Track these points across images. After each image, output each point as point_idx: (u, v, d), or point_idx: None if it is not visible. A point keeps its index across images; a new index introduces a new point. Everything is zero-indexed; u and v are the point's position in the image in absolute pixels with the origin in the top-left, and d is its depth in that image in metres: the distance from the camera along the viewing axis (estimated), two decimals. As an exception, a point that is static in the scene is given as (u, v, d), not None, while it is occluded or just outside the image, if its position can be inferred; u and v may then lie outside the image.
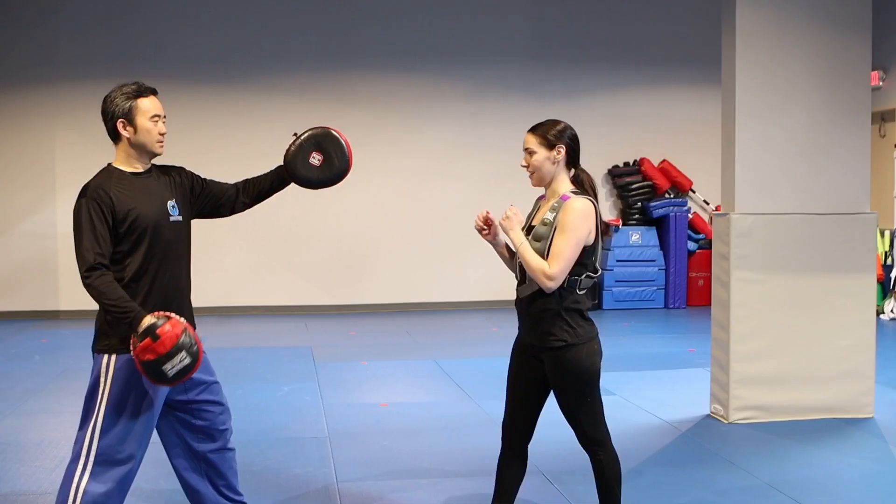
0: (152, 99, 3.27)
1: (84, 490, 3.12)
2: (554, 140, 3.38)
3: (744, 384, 5.63)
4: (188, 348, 3.05)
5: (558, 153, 3.38)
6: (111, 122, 3.23)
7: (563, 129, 3.41)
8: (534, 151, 3.39)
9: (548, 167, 3.39)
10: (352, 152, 3.55)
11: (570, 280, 3.33)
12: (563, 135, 3.40)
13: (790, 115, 5.68)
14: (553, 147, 3.37)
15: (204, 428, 3.41)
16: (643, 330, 9.49)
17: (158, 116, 3.26)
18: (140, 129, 3.22)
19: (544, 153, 3.38)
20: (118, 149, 3.28)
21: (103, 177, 3.22)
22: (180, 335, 3.03)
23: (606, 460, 3.51)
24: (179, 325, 3.06)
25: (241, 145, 10.70)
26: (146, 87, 3.27)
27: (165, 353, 3.00)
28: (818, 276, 5.68)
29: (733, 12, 5.60)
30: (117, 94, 3.23)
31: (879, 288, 10.15)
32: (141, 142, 3.24)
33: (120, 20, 10.55)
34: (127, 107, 3.21)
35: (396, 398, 6.57)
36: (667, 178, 11.40)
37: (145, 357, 3.00)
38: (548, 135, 3.39)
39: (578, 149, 3.45)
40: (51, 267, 10.47)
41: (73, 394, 6.11)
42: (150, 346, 2.99)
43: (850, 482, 4.58)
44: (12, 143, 10.53)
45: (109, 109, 3.23)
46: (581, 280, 3.35)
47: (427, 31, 11.09)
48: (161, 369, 3.01)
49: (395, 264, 11.02)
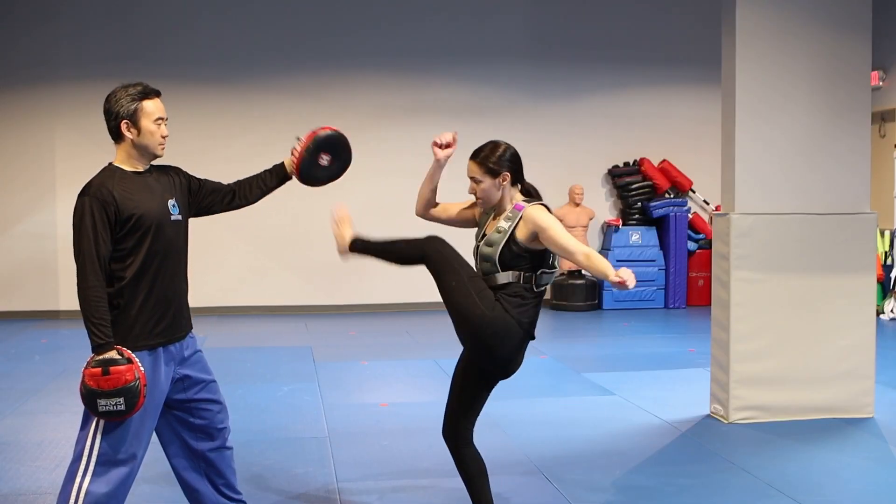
0: (157, 101, 3.27)
1: (86, 490, 3.12)
2: (496, 168, 3.51)
3: (744, 384, 5.63)
4: (129, 397, 3.07)
5: (503, 180, 3.52)
6: (114, 122, 3.23)
7: (502, 154, 3.53)
8: (480, 181, 3.53)
9: (494, 192, 3.54)
10: (349, 144, 3.71)
11: (526, 277, 3.45)
12: (504, 160, 3.52)
13: (790, 115, 5.68)
14: (497, 175, 3.51)
15: (202, 427, 3.41)
16: (643, 330, 9.49)
17: (162, 119, 3.27)
18: (144, 131, 3.23)
19: (489, 181, 3.52)
20: (119, 148, 3.28)
21: (105, 175, 3.22)
22: (129, 381, 3.06)
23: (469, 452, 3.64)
24: (133, 373, 3.08)
25: (241, 145, 10.70)
26: (151, 89, 3.28)
27: (106, 390, 3.05)
28: (818, 276, 5.68)
29: (733, 12, 5.60)
30: (122, 95, 3.22)
31: (879, 288, 10.15)
32: (144, 143, 3.24)
33: (120, 21, 10.55)
34: (132, 108, 3.21)
35: (396, 398, 6.57)
36: (667, 178, 11.40)
37: (87, 382, 3.06)
38: (491, 164, 3.51)
39: (520, 166, 3.58)
40: (51, 267, 10.47)
41: (73, 394, 6.08)
42: (97, 376, 3.04)
43: (850, 482, 4.58)
44: (12, 142, 10.53)
45: (114, 109, 3.22)
46: (539, 276, 3.48)
47: (427, 31, 11.08)
48: (95, 400, 3.06)
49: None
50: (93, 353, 3.09)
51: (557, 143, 11.30)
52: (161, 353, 3.26)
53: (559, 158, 11.23)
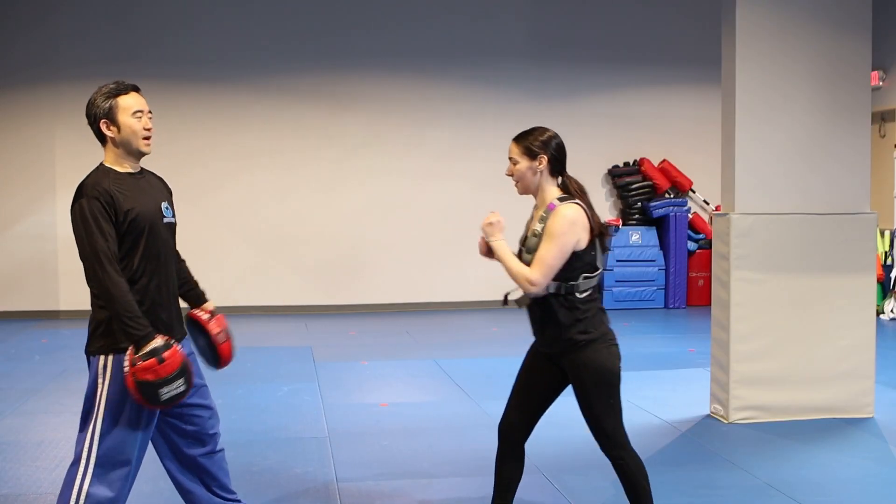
0: (133, 95, 3.22)
1: (87, 493, 3.10)
2: (536, 150, 3.39)
3: (744, 384, 5.63)
4: (186, 376, 3.09)
5: (540, 163, 3.39)
6: (95, 125, 3.21)
7: (546, 138, 3.41)
8: (517, 161, 3.42)
9: (530, 177, 3.41)
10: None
11: (567, 286, 3.34)
12: (546, 145, 3.40)
13: (790, 115, 5.68)
14: (535, 157, 3.39)
15: (193, 433, 3.39)
16: (643, 330, 9.50)
17: (141, 112, 3.21)
18: (123, 126, 3.18)
19: (526, 163, 3.40)
20: (107, 150, 3.24)
21: (100, 175, 3.18)
22: (182, 361, 3.08)
23: (632, 462, 3.49)
24: (181, 352, 3.10)
25: (241, 145, 10.71)
26: (126, 85, 3.24)
27: (167, 377, 3.03)
28: (818, 276, 5.68)
29: (733, 12, 5.60)
30: (97, 96, 3.21)
31: (879, 288, 10.15)
32: (126, 139, 3.19)
33: (120, 21, 10.55)
34: (107, 106, 3.18)
35: (396, 398, 6.57)
36: (667, 178, 11.40)
37: (144, 377, 3.01)
38: (530, 144, 3.40)
39: (563, 157, 3.45)
40: (51, 267, 10.46)
41: (73, 394, 6.11)
42: (154, 367, 3.01)
43: (850, 482, 4.58)
44: (12, 142, 10.53)
45: (91, 112, 3.21)
46: (578, 284, 3.35)
47: (426, 31, 11.08)
48: (157, 391, 3.03)
49: (395, 264, 11.01)
50: (133, 348, 3.04)
51: (557, 143, 11.29)
52: None
53: (559, 158, 11.22)
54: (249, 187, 10.72)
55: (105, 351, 3.15)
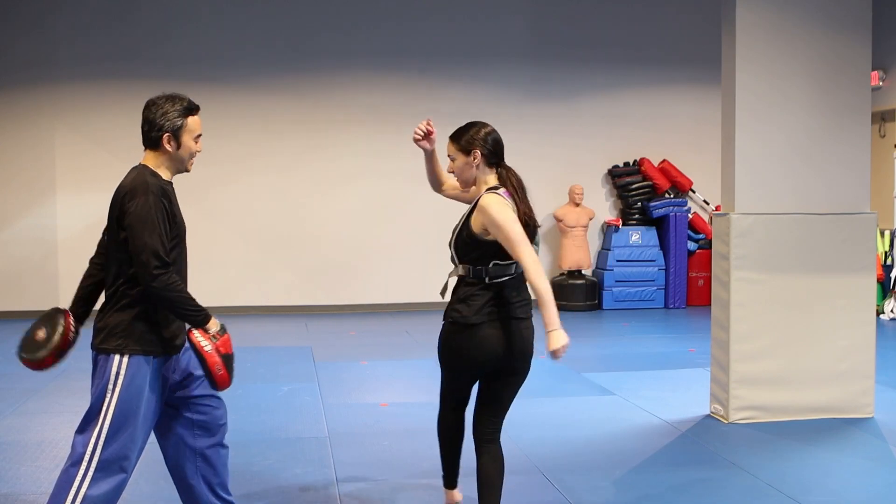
0: (198, 118, 3.30)
1: (84, 495, 3.08)
2: (468, 146, 3.54)
3: (744, 384, 5.63)
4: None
5: (474, 158, 3.54)
6: (157, 133, 3.20)
7: (475, 133, 3.55)
8: (454, 158, 3.60)
9: (468, 171, 3.57)
10: None
11: (476, 270, 3.46)
12: (476, 139, 3.54)
13: (790, 115, 5.68)
14: (468, 153, 3.54)
15: (202, 423, 3.40)
16: (643, 330, 9.49)
17: (200, 136, 3.31)
18: (184, 146, 3.25)
19: (462, 159, 3.57)
20: (152, 155, 3.25)
21: (157, 178, 3.21)
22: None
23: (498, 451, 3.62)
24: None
25: (241, 145, 10.71)
26: (195, 105, 3.30)
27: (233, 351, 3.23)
28: (818, 276, 5.68)
29: (733, 12, 5.60)
30: (170, 108, 3.21)
31: (879, 288, 10.15)
32: (180, 157, 3.26)
33: (120, 21, 10.55)
34: (178, 124, 3.22)
35: (396, 398, 6.57)
36: (667, 178, 11.41)
37: (227, 350, 3.19)
38: (464, 142, 3.55)
39: (499, 150, 3.58)
40: (51, 267, 10.45)
41: (73, 394, 6.12)
42: (230, 341, 3.21)
43: (850, 482, 4.58)
44: (12, 142, 10.52)
45: (158, 121, 3.20)
46: (489, 268, 3.45)
47: (426, 31, 11.08)
48: (233, 364, 3.22)
49: (396, 264, 11.01)
50: (204, 327, 3.16)
51: (557, 143, 11.30)
52: (169, 361, 3.28)
53: (559, 158, 11.24)
54: (250, 187, 10.72)
55: (121, 350, 3.14)
